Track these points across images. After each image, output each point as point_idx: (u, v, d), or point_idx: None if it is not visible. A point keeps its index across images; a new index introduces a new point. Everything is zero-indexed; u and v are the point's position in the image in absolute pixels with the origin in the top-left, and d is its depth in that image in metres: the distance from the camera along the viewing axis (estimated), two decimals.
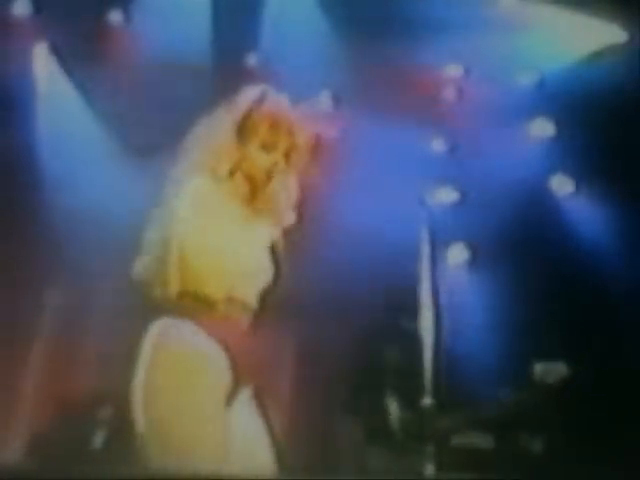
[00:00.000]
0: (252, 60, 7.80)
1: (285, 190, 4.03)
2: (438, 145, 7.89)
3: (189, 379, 3.72)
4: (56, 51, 7.57)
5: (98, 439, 6.40)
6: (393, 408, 6.43)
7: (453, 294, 6.97)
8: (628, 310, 6.94)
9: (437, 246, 6.84)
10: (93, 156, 7.51)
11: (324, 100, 7.67)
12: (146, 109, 7.39)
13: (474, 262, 7.74)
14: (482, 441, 6.34)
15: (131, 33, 7.60)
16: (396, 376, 6.48)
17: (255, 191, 3.97)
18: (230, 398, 3.77)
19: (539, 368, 6.49)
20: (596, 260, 7.23)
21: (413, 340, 5.33)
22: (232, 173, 3.96)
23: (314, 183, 4.34)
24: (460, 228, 7.61)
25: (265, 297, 4.01)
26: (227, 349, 3.77)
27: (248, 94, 4.17)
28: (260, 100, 4.13)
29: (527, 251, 7.28)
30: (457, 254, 7.77)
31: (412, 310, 5.33)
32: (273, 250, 4.03)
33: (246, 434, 3.83)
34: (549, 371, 6.46)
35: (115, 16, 7.74)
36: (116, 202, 7.21)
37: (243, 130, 3.99)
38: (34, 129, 7.48)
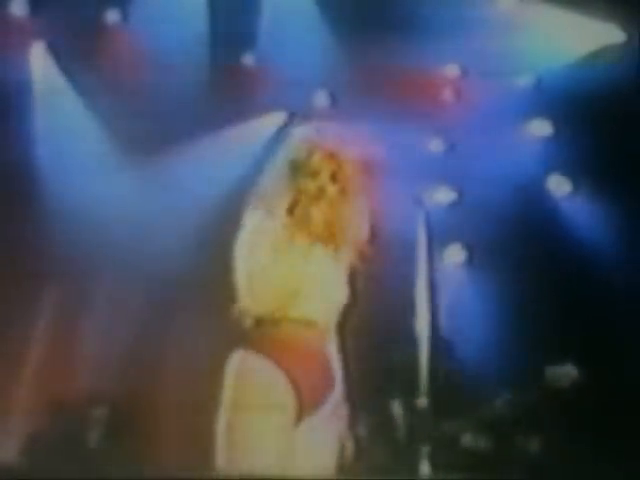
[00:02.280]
0: (249, 60, 7.86)
1: (348, 213, 4.11)
2: (436, 145, 7.91)
3: (261, 409, 3.97)
4: (53, 50, 7.58)
5: (93, 438, 6.43)
6: (393, 408, 6.45)
7: (451, 294, 7.13)
8: (627, 310, 6.94)
9: (434, 246, 6.90)
10: (90, 155, 7.55)
11: (321, 99, 7.76)
12: (143, 108, 7.44)
13: (472, 262, 7.76)
14: (481, 442, 6.36)
15: (128, 33, 7.64)
16: (395, 376, 6.50)
17: (308, 217, 4.09)
18: (294, 426, 4.00)
19: (551, 372, 6.49)
20: (594, 260, 7.24)
21: (410, 340, 5.32)
22: (291, 209, 4.08)
23: None
24: (458, 228, 7.64)
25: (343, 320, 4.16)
26: (294, 383, 3.99)
27: (300, 134, 4.26)
28: (311, 138, 4.20)
29: (524, 251, 7.30)
30: (454, 254, 7.81)
31: (409, 310, 5.31)
32: (346, 273, 4.14)
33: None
34: (561, 375, 6.46)
35: (112, 16, 7.73)
36: (113, 200, 7.28)
37: (294, 166, 4.11)
38: (31, 128, 7.51)
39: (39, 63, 7.58)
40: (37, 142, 7.48)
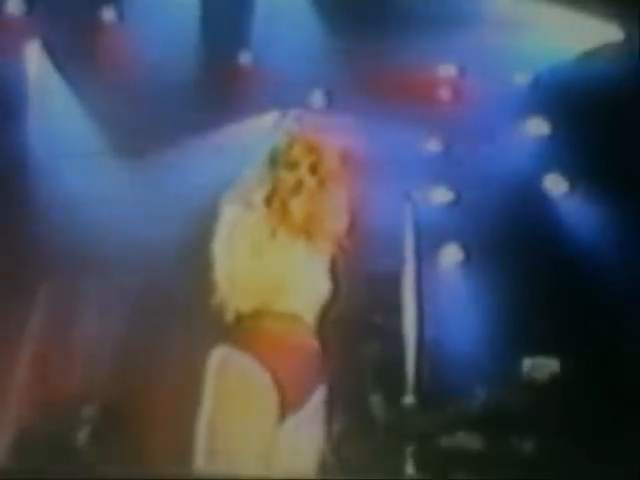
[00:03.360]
0: (244, 59, 7.84)
1: (327, 206, 4.02)
2: (432, 145, 7.89)
3: (243, 408, 3.88)
4: (48, 49, 7.59)
5: (82, 438, 6.40)
6: (376, 406, 6.40)
7: (447, 294, 7.22)
8: (623, 309, 6.94)
9: (430, 247, 7.16)
10: (84, 154, 7.55)
11: (316, 98, 7.73)
12: (138, 108, 7.42)
13: (468, 262, 7.74)
14: (470, 442, 6.31)
15: (123, 31, 7.64)
16: (379, 374, 6.48)
17: (287, 210, 4.02)
18: (277, 425, 3.93)
19: (528, 363, 6.50)
20: (591, 260, 7.23)
21: (396, 338, 5.28)
22: (269, 200, 4.00)
23: None
24: (454, 228, 7.66)
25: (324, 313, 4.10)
26: (277, 381, 3.89)
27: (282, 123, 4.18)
28: (294, 126, 4.19)
29: (521, 251, 7.29)
30: (451, 254, 7.79)
31: (395, 307, 5.27)
32: (327, 266, 4.08)
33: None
34: (538, 366, 6.46)
35: (108, 14, 7.74)
36: (107, 200, 7.27)
37: (273, 157, 4.02)
38: (26, 127, 7.53)
39: (34, 62, 7.59)
40: (31, 141, 7.49)
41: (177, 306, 6.73)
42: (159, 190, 7.42)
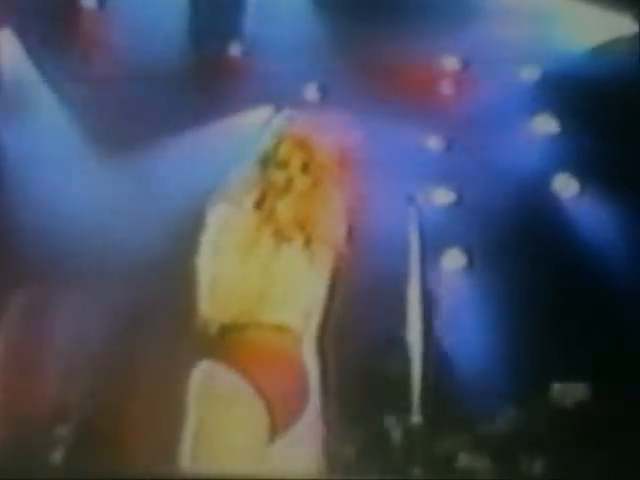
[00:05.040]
0: (235, 50, 7.70)
1: (322, 207, 3.95)
2: (434, 143, 7.75)
3: (230, 426, 3.80)
4: (23, 37, 7.38)
5: (56, 458, 6.25)
6: (384, 425, 6.27)
7: (449, 302, 6.93)
8: (638, 320, 6.78)
9: (432, 251, 6.84)
10: (61, 150, 7.39)
11: (311, 92, 7.61)
12: (120, 101, 7.29)
13: (471, 268, 7.60)
14: (480, 464, 6.17)
15: (104, 19, 7.53)
16: (387, 390, 6.34)
17: (276, 213, 3.94)
18: (268, 442, 3.83)
19: (558, 389, 6.40)
20: (604, 267, 7.10)
21: (403, 351, 5.02)
22: (259, 203, 3.95)
23: None
24: (457, 232, 7.52)
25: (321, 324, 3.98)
26: (265, 398, 3.79)
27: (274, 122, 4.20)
28: (284, 125, 4.12)
29: (528, 257, 7.16)
30: (453, 259, 7.64)
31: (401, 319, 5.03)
32: (322, 274, 3.96)
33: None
34: (568, 392, 6.37)
35: (87, 1, 7.52)
36: (85, 200, 7.11)
37: (262, 156, 3.99)
38: None
39: (8, 50, 7.41)
40: (4, 134, 7.31)
41: (157, 319, 6.57)
42: (143, 192, 7.29)
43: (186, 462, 3.74)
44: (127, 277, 6.73)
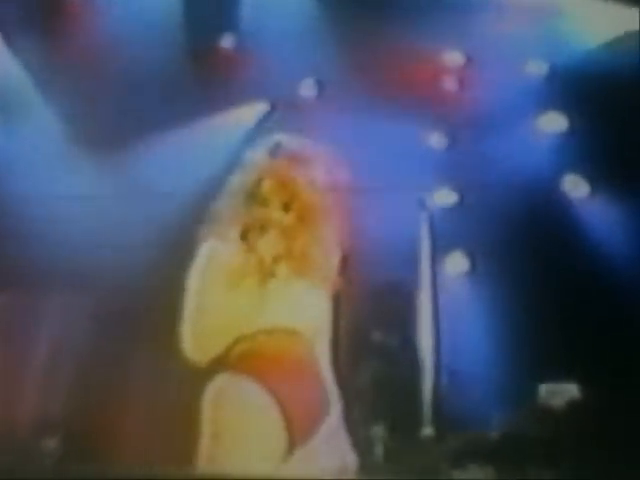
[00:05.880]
0: (228, 42, 7.59)
1: (310, 241, 4.13)
2: (436, 141, 7.62)
3: (246, 443, 3.89)
4: (2, 26, 7.25)
5: (43, 470, 6.03)
6: (379, 437, 6.07)
7: (452, 309, 6.94)
8: None
9: (434, 253, 6.96)
10: (47, 149, 7.28)
11: (307, 88, 7.50)
12: (108, 95, 7.25)
13: (474, 272, 7.45)
14: (483, 475, 6.05)
15: (91, 9, 7.41)
16: (391, 400, 6.21)
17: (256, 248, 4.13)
18: (284, 460, 3.92)
19: (544, 389, 6.34)
20: (615, 272, 6.95)
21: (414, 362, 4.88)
22: (245, 235, 4.16)
23: None
24: (459, 234, 7.37)
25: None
26: (284, 409, 3.90)
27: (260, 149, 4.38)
28: (272, 153, 4.30)
29: (535, 262, 7.04)
30: (456, 263, 7.48)
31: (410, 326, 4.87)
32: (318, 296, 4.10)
33: None
34: (556, 392, 6.29)
35: None
36: (70, 202, 7.00)
37: (247, 193, 4.20)
38: None
39: None
40: None
41: (145, 326, 6.39)
42: (131, 192, 7.20)
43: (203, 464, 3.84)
44: (113, 282, 6.63)
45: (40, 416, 6.56)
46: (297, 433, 3.88)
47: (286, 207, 4.15)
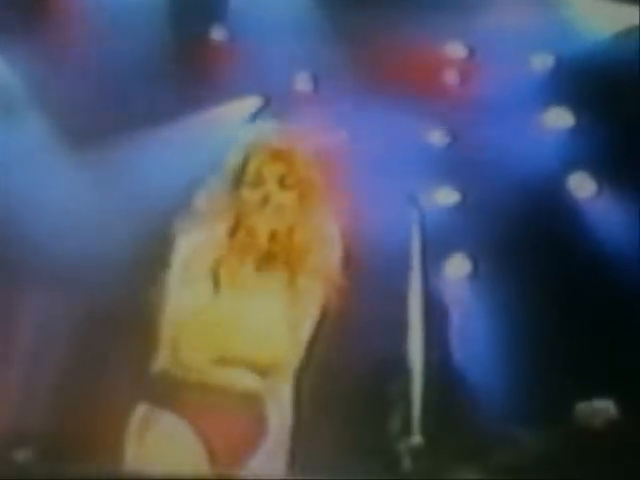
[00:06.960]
0: (218, 34, 7.52)
1: (309, 231, 3.78)
2: (436, 137, 7.55)
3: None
4: None
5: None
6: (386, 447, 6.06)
7: (453, 313, 6.90)
8: None
9: (434, 256, 6.72)
10: (29, 145, 7.22)
11: (302, 82, 7.44)
12: (93, 90, 7.22)
13: (477, 275, 7.42)
14: None
15: (80, 2, 7.33)
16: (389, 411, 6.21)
17: (253, 237, 3.76)
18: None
19: (584, 408, 6.19)
20: (624, 274, 6.89)
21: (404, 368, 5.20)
22: (233, 230, 3.82)
23: None
24: (461, 235, 7.34)
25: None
26: (207, 442, 3.68)
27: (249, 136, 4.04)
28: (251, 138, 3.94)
29: (540, 263, 7.02)
30: (457, 266, 7.46)
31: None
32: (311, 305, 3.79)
33: None
34: (595, 411, 6.14)
35: None
36: (52, 201, 6.98)
37: (233, 175, 3.83)
38: None
39: None
40: None
41: (124, 328, 6.33)
42: (115, 190, 7.15)
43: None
44: (95, 283, 6.58)
45: (14, 425, 6.51)
46: (222, 459, 3.65)
47: (282, 183, 3.76)
